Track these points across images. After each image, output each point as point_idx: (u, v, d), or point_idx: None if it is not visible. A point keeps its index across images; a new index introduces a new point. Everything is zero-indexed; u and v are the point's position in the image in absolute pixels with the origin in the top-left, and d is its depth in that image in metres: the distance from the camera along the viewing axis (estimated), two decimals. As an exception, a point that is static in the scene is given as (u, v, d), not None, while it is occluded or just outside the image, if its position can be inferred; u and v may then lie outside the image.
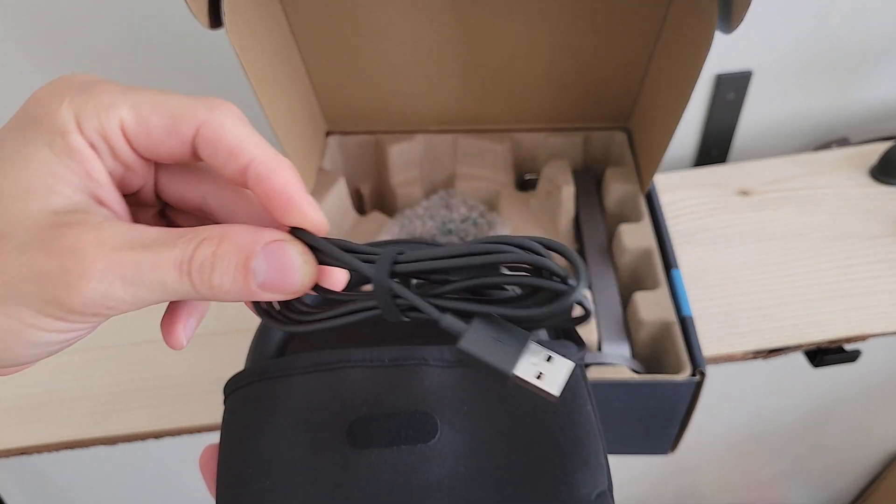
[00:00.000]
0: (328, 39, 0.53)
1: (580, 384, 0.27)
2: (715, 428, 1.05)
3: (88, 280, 0.18)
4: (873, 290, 0.53)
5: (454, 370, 0.27)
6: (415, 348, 0.27)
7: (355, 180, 0.63)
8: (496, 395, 0.26)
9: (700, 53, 0.42)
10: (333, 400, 0.26)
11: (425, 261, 0.21)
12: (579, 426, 0.26)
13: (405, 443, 0.25)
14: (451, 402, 0.26)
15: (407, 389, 0.26)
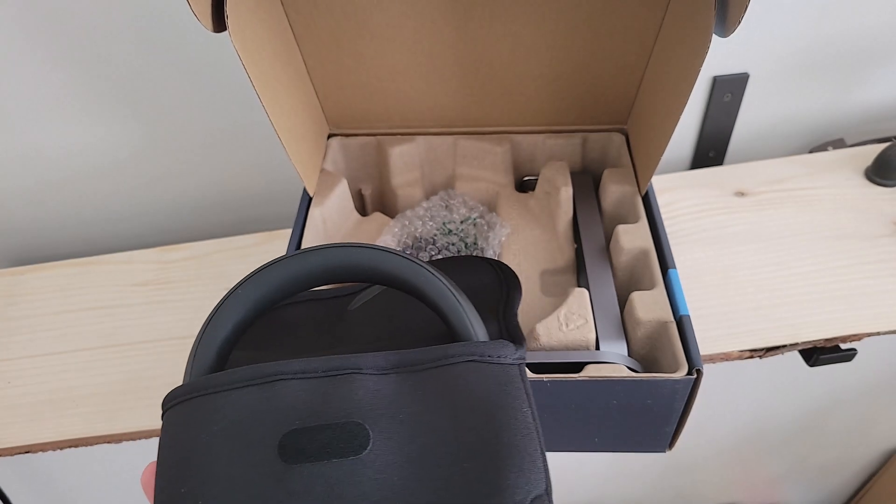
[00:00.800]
0: (330, 42, 0.53)
1: (516, 385, 0.28)
2: (712, 426, 1.05)
3: None
4: (869, 290, 0.54)
5: (389, 377, 0.27)
6: (349, 357, 0.27)
7: (357, 181, 0.63)
8: (431, 401, 0.26)
9: (697, 56, 0.42)
10: (266, 414, 0.26)
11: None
12: (513, 430, 0.26)
13: (336, 456, 0.25)
14: (385, 411, 0.26)
15: (339, 400, 0.26)
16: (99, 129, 0.66)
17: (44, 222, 0.74)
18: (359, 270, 0.30)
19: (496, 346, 0.29)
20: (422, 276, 0.30)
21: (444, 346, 0.28)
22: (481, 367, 0.28)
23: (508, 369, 0.28)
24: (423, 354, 0.28)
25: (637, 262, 0.52)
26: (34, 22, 0.56)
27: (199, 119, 0.66)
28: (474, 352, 0.28)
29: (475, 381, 0.27)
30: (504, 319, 0.39)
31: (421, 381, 0.27)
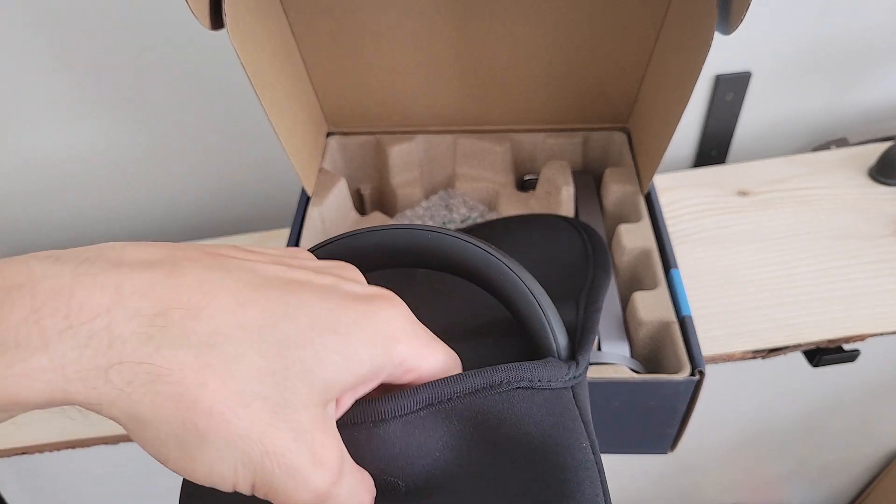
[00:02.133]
0: (329, 40, 0.53)
1: (571, 413, 0.24)
2: (714, 427, 1.05)
3: (310, 493, 0.20)
4: (872, 290, 0.53)
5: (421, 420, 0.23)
6: (366, 404, 0.23)
7: (356, 181, 0.63)
8: (472, 436, 0.23)
9: (699, 54, 0.42)
10: None
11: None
12: (569, 471, 0.22)
13: None
14: (421, 455, 0.23)
15: (364, 457, 0.22)
16: (95, 129, 0.65)
17: (44, 223, 0.74)
18: (425, 256, 0.26)
19: (548, 369, 0.24)
20: (500, 272, 0.25)
21: (486, 372, 0.23)
22: (533, 394, 0.24)
23: (561, 394, 0.24)
24: (460, 384, 0.23)
25: (639, 261, 0.52)
26: (33, 23, 0.56)
27: (197, 118, 0.66)
28: (525, 376, 0.24)
29: (523, 412, 0.23)
30: (585, 310, 0.32)
31: (459, 413, 0.23)
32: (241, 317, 0.20)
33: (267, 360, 0.19)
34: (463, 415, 0.23)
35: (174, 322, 0.19)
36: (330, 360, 0.20)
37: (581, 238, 0.40)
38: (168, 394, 0.18)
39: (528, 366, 0.24)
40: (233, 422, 0.19)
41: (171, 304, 0.19)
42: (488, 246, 0.26)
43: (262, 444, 0.19)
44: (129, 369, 0.18)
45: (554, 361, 0.25)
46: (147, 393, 0.18)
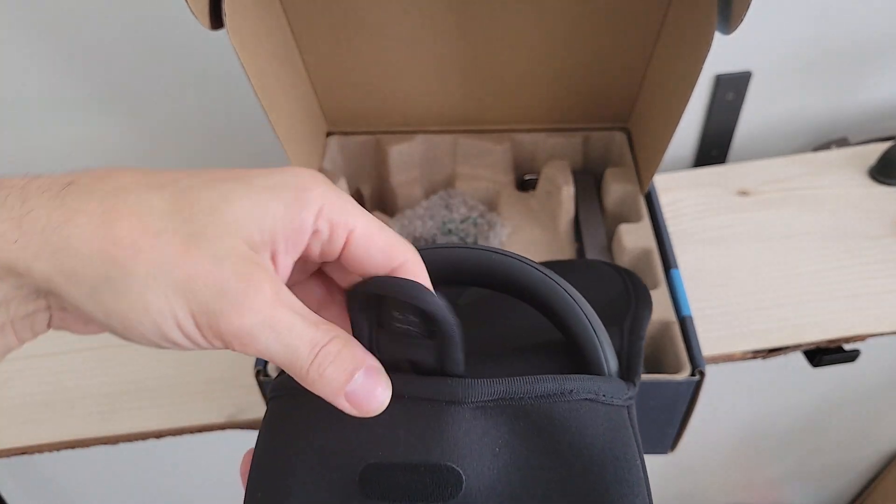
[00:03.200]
0: (329, 40, 0.53)
1: (627, 431, 0.24)
2: (714, 428, 1.05)
3: (253, 314, 0.21)
4: (872, 290, 0.53)
5: (490, 410, 0.23)
6: (446, 383, 0.23)
7: (356, 180, 0.63)
8: (534, 440, 0.23)
9: (700, 54, 0.42)
10: (347, 433, 0.23)
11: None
12: (625, 485, 0.23)
13: (424, 500, 0.22)
14: (483, 447, 0.23)
15: (429, 435, 0.23)
16: (95, 129, 0.65)
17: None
18: (484, 275, 0.27)
19: (612, 385, 0.25)
20: (556, 293, 0.26)
21: (559, 379, 0.24)
22: (597, 407, 0.24)
23: (620, 411, 0.25)
24: (534, 386, 0.24)
25: (639, 261, 0.52)
26: (32, 22, 0.56)
27: (197, 118, 0.65)
28: (591, 389, 0.24)
29: (587, 422, 0.24)
30: (629, 337, 0.34)
31: (525, 415, 0.23)
32: (143, 178, 0.21)
33: (171, 203, 0.21)
34: (530, 416, 0.24)
35: (81, 184, 0.21)
36: (236, 201, 0.21)
37: (621, 276, 0.42)
38: (80, 236, 0.20)
39: (595, 379, 0.25)
40: (146, 250, 0.20)
41: (79, 176, 0.21)
42: (545, 268, 0.27)
43: (182, 269, 0.20)
44: (40, 216, 0.20)
45: (615, 380, 0.26)
46: (61, 238, 0.19)
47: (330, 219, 0.22)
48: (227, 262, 0.20)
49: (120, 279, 0.20)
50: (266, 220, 0.21)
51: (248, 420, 0.52)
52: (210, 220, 0.21)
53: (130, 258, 0.20)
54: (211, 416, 0.52)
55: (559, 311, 0.26)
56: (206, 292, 0.20)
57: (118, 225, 0.20)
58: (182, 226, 0.20)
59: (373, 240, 0.23)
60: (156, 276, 0.20)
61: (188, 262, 0.20)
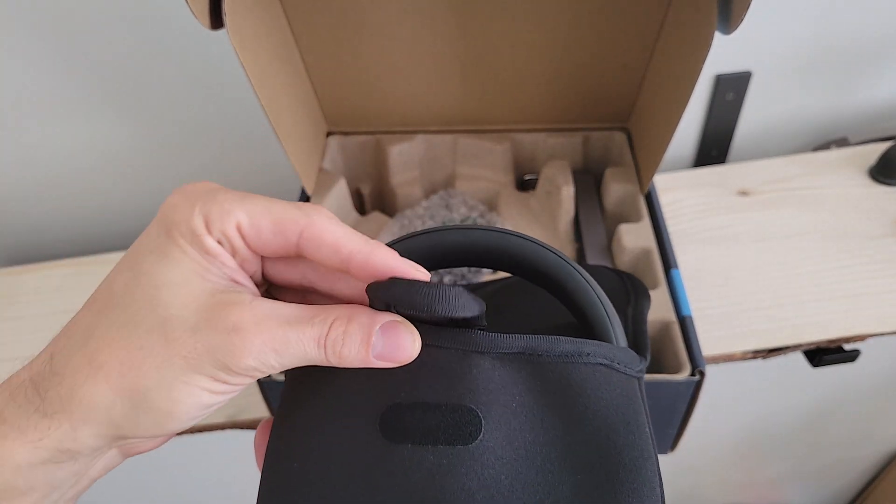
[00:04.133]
0: (328, 40, 0.53)
1: (638, 400, 0.25)
2: (715, 428, 1.05)
3: (249, 353, 0.22)
4: (872, 290, 0.53)
5: (508, 364, 0.24)
6: (467, 332, 0.24)
7: (356, 180, 0.63)
8: (550, 397, 0.24)
9: (700, 54, 0.42)
10: (368, 379, 0.24)
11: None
12: (636, 451, 0.23)
13: (443, 442, 0.22)
14: (499, 397, 0.23)
15: (451, 377, 0.23)
16: (95, 129, 0.65)
17: (41, 222, 0.74)
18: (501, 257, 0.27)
19: (627, 354, 0.26)
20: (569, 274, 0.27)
21: (578, 341, 0.25)
22: (611, 373, 0.25)
23: (633, 381, 0.26)
24: (554, 345, 0.24)
25: (639, 261, 0.52)
26: (30, 21, 0.56)
27: (196, 118, 0.65)
28: (607, 355, 0.25)
29: (602, 386, 0.24)
30: (633, 321, 0.36)
31: (543, 372, 0.24)
32: (91, 311, 0.24)
33: (120, 315, 0.23)
34: (548, 374, 0.24)
35: (58, 352, 0.23)
36: (159, 277, 0.23)
37: (618, 276, 0.43)
38: (90, 389, 0.22)
39: (611, 347, 0.26)
40: (141, 364, 0.23)
41: (53, 349, 0.24)
42: (555, 249, 0.27)
43: (176, 355, 0.22)
44: (52, 398, 0.22)
45: (630, 351, 0.26)
46: (79, 402, 0.22)
47: (219, 230, 0.23)
48: (200, 325, 0.22)
49: (142, 399, 0.22)
50: (194, 275, 0.23)
51: (248, 420, 0.52)
52: (160, 304, 0.23)
53: (135, 378, 0.22)
54: (211, 416, 0.51)
55: (569, 288, 0.27)
56: (207, 358, 0.22)
57: (103, 360, 0.22)
58: (146, 320, 0.23)
59: (259, 225, 0.24)
60: (164, 375, 0.22)
61: (176, 346, 0.22)
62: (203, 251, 0.23)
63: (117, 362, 0.22)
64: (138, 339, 0.22)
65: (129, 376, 0.22)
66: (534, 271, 0.27)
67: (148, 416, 0.23)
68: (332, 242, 0.24)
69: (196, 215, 0.23)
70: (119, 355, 0.22)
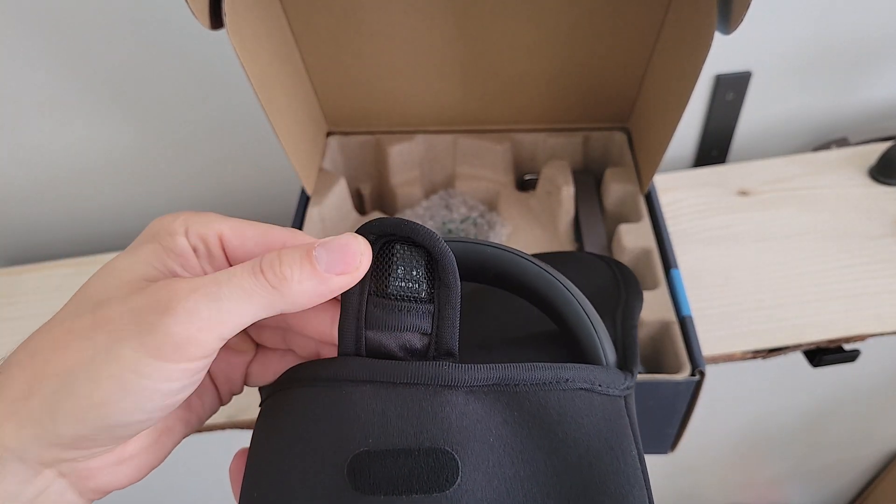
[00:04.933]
0: (328, 40, 0.53)
1: (623, 422, 0.24)
2: (715, 428, 1.05)
3: (176, 307, 0.20)
4: (872, 290, 0.53)
5: (484, 396, 0.23)
6: (438, 366, 0.23)
7: (356, 180, 0.63)
8: (528, 429, 0.23)
9: (699, 54, 0.42)
10: (337, 424, 0.22)
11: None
12: (621, 478, 0.22)
13: (417, 491, 0.21)
14: (477, 433, 0.22)
15: (422, 417, 0.22)
16: (94, 129, 0.65)
17: (40, 222, 0.74)
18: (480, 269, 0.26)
19: (609, 375, 0.25)
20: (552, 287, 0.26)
21: (556, 367, 0.23)
22: (593, 397, 0.24)
23: (617, 402, 0.24)
24: (530, 373, 0.23)
25: (639, 261, 0.52)
26: (29, 21, 0.56)
27: (197, 118, 0.65)
28: (588, 378, 0.24)
29: (583, 412, 0.23)
30: (622, 328, 0.34)
31: (520, 403, 0.23)
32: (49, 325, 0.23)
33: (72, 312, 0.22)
34: (526, 404, 0.23)
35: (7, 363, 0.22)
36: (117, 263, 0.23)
37: (610, 268, 0.41)
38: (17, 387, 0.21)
39: (592, 368, 0.24)
40: (85, 345, 0.21)
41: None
42: (540, 261, 0.26)
43: (112, 331, 0.21)
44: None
45: (613, 369, 0.25)
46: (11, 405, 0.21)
47: (197, 233, 0.23)
48: (131, 295, 0.21)
49: (65, 382, 0.20)
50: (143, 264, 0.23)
51: (248, 420, 0.52)
52: (100, 289, 0.22)
53: (60, 360, 0.21)
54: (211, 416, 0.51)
55: (556, 304, 0.26)
56: (132, 326, 0.21)
57: (38, 348, 0.21)
58: (84, 305, 0.22)
59: (244, 234, 0.24)
60: (86, 353, 0.21)
61: (102, 322, 0.21)
62: (170, 247, 0.23)
63: (47, 349, 0.21)
64: (69, 324, 0.22)
65: (53, 360, 0.21)
66: (513, 282, 0.26)
67: (68, 404, 0.20)
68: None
69: (178, 222, 0.24)
70: (50, 342, 0.21)
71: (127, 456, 0.24)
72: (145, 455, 0.25)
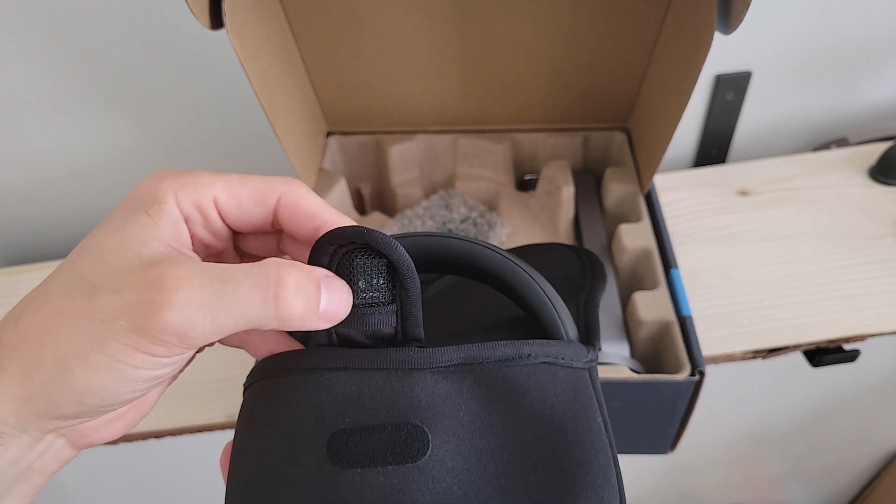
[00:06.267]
0: (328, 40, 0.53)
1: (588, 392, 0.25)
2: (714, 428, 1.05)
3: (169, 308, 0.20)
4: (872, 290, 0.53)
5: (450, 375, 0.24)
6: (406, 351, 0.25)
7: (356, 180, 0.63)
8: (496, 403, 0.24)
9: (699, 54, 0.42)
10: (314, 407, 0.24)
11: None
12: (587, 444, 0.23)
13: (391, 462, 0.22)
14: (444, 408, 0.24)
15: (393, 396, 0.24)
16: (95, 129, 0.65)
17: (41, 221, 0.74)
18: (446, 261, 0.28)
19: (571, 348, 0.26)
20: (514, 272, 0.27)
21: (517, 344, 0.25)
22: (556, 369, 0.25)
23: (581, 373, 0.26)
24: (493, 351, 0.25)
25: (639, 261, 0.52)
26: (29, 21, 0.56)
27: (197, 118, 0.65)
28: (550, 353, 0.25)
29: (547, 385, 0.25)
30: (585, 308, 0.37)
31: (486, 379, 0.24)
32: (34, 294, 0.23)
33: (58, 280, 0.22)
34: (491, 381, 0.24)
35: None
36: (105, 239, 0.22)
37: (579, 256, 0.44)
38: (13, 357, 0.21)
39: (553, 343, 0.26)
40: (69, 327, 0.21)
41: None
42: (500, 249, 0.28)
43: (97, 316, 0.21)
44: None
45: (575, 343, 0.27)
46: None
47: (190, 200, 0.23)
48: (123, 287, 0.21)
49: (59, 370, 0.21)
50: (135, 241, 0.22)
51: (247, 420, 0.52)
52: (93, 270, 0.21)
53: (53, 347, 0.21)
54: (211, 416, 0.52)
55: (516, 286, 0.28)
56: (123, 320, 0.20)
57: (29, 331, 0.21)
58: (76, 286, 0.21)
59: (240, 197, 0.24)
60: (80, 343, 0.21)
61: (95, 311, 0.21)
62: (160, 218, 0.22)
63: (40, 331, 0.21)
64: (62, 306, 0.21)
65: (49, 345, 0.21)
66: (478, 271, 0.28)
67: (66, 390, 0.21)
68: (309, 209, 0.24)
69: (164, 188, 0.23)
70: (42, 324, 0.21)
71: (119, 414, 0.25)
72: (136, 410, 0.25)
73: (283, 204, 0.24)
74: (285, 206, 0.24)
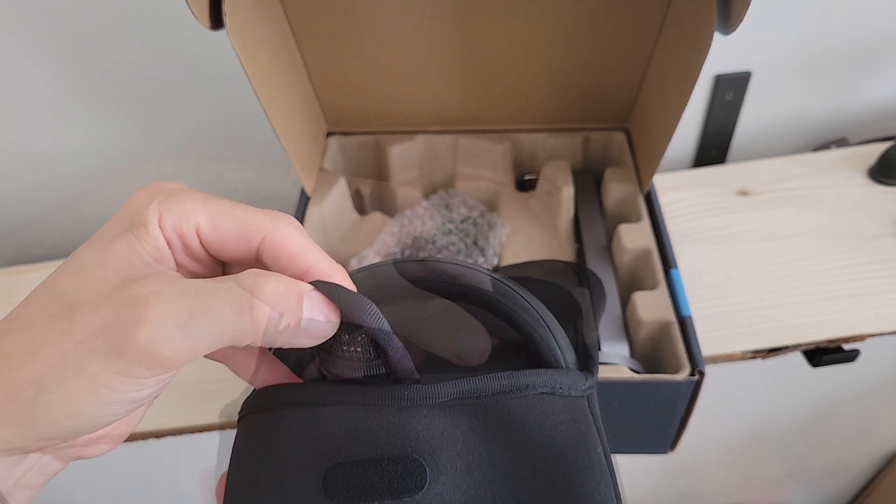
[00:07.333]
0: (329, 40, 0.53)
1: (587, 420, 0.25)
2: (714, 428, 1.05)
3: (143, 325, 0.20)
4: (872, 290, 0.53)
5: (448, 409, 0.24)
6: (402, 388, 0.24)
7: (356, 180, 0.63)
8: (494, 435, 0.24)
9: (699, 54, 0.42)
10: (311, 441, 0.24)
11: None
12: (587, 473, 0.23)
13: (389, 496, 0.22)
14: (444, 441, 0.23)
15: (390, 430, 0.23)
16: (95, 129, 0.65)
17: (41, 222, 0.74)
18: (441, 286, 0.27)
19: (569, 377, 0.26)
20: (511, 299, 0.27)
21: (514, 375, 0.25)
22: (554, 399, 0.25)
23: (579, 402, 0.25)
24: (490, 383, 0.24)
25: (639, 261, 0.52)
26: (29, 20, 0.56)
27: (197, 118, 0.65)
28: (548, 382, 0.25)
29: (545, 415, 0.24)
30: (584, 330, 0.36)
31: (483, 411, 0.24)
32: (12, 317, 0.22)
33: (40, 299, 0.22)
34: (489, 413, 0.24)
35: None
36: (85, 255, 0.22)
37: (577, 275, 0.44)
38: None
39: (551, 373, 0.25)
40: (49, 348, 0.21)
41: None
42: (497, 274, 0.28)
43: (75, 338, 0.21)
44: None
45: (573, 371, 0.26)
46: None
47: (173, 226, 0.22)
48: (101, 304, 0.20)
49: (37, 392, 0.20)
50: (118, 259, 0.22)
51: (248, 420, 0.52)
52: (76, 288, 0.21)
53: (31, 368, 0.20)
54: (211, 416, 0.52)
55: (514, 314, 0.27)
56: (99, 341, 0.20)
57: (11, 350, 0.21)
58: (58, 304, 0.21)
59: (221, 228, 0.23)
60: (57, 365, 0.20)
61: (74, 331, 0.20)
62: (145, 239, 0.22)
63: (21, 351, 0.20)
64: (44, 326, 0.21)
65: (28, 366, 0.20)
66: (473, 296, 0.27)
67: (45, 413, 0.20)
68: (292, 253, 0.23)
69: (151, 209, 0.22)
70: (23, 344, 0.21)
71: (105, 433, 0.24)
72: (123, 426, 0.25)
73: (266, 245, 0.23)
74: (268, 247, 0.23)
